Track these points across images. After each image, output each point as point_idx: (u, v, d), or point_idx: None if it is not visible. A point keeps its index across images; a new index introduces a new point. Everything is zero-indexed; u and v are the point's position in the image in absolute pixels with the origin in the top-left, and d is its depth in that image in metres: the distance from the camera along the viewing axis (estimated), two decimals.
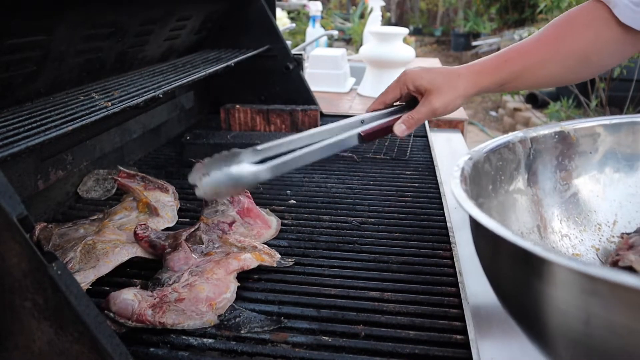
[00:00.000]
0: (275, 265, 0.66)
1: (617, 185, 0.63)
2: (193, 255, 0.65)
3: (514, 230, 0.55)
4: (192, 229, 0.70)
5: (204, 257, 0.65)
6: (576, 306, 0.35)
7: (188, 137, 1.06)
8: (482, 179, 0.55)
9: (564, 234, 0.61)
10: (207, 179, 0.57)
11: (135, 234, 0.68)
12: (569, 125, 0.63)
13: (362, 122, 0.74)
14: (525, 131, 0.61)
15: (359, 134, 0.71)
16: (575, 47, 0.73)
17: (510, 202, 0.59)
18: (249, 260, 0.64)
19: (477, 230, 0.46)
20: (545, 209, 0.61)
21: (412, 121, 0.74)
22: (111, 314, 0.54)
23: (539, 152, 0.61)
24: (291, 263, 0.68)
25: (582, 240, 0.62)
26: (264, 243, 0.72)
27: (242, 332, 0.54)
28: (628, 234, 0.60)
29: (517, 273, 0.41)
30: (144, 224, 0.70)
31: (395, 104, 0.79)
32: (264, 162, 0.61)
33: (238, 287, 0.61)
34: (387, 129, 0.75)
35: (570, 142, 0.62)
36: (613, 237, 0.62)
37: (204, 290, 0.58)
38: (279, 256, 0.68)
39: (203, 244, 0.68)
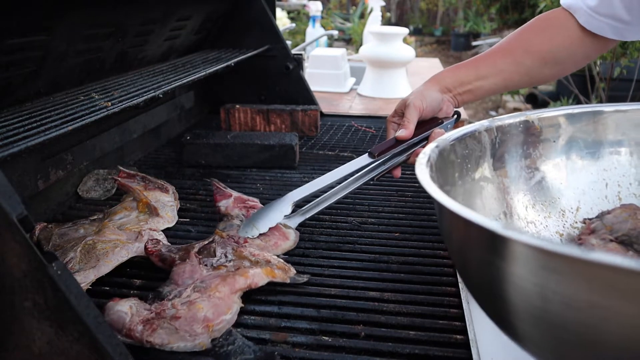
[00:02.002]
0: (288, 281, 0.63)
1: (580, 172, 0.65)
2: (201, 267, 0.62)
3: None
4: (206, 242, 0.67)
5: (212, 271, 0.62)
6: (534, 283, 0.35)
7: (188, 137, 1.06)
8: (448, 167, 0.56)
9: (529, 220, 0.62)
10: (255, 231, 0.72)
11: (145, 248, 0.66)
12: (534, 115, 0.64)
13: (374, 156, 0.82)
14: (490, 120, 0.62)
15: (369, 152, 0.80)
16: (530, 54, 0.82)
17: (476, 190, 0.60)
18: (258, 277, 0.61)
19: (441, 213, 0.46)
20: (511, 195, 0.63)
21: (405, 122, 0.81)
22: None
23: (504, 140, 0.62)
24: (305, 279, 0.64)
25: (546, 226, 0.63)
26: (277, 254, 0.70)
27: None
28: (590, 219, 0.62)
29: (478, 253, 0.41)
30: (155, 239, 0.68)
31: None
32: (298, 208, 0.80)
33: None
34: (394, 143, 0.81)
35: (534, 131, 0.64)
36: (576, 222, 0.64)
37: (202, 310, 0.55)
38: (294, 272, 0.65)
39: (216, 256, 0.65)
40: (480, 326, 0.57)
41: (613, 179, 0.65)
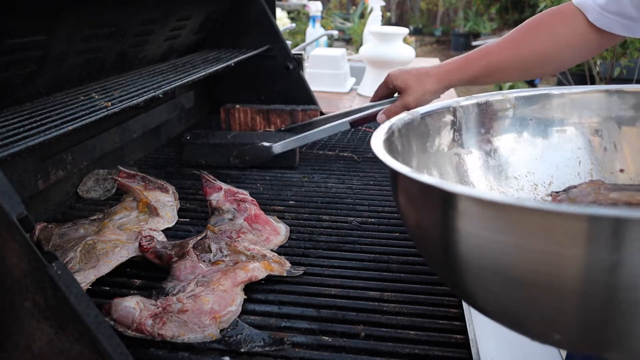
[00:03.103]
0: (285, 274, 0.65)
1: (555, 150, 0.67)
2: (200, 264, 0.63)
3: None
4: (200, 237, 0.68)
5: (211, 266, 0.63)
6: (478, 235, 0.37)
7: (188, 137, 1.06)
8: (412, 138, 0.58)
9: (501, 191, 0.64)
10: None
11: (140, 246, 0.67)
12: (510, 95, 0.66)
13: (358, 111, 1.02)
14: (455, 100, 0.64)
15: (350, 123, 1.02)
16: (536, 48, 0.85)
17: (440, 162, 0.62)
18: (257, 271, 0.63)
19: (394, 181, 0.47)
20: (477, 171, 0.65)
21: (390, 113, 0.90)
22: (111, 322, 0.53)
23: (468, 120, 0.64)
24: (301, 272, 0.66)
25: (518, 198, 0.65)
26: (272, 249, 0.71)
27: (242, 349, 0.53)
28: (557, 192, 0.64)
29: (425, 214, 0.42)
30: (149, 235, 0.68)
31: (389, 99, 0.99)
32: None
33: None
34: (373, 117, 0.98)
35: (493, 112, 0.66)
36: (547, 196, 0.66)
37: (208, 302, 0.56)
38: (289, 265, 0.67)
39: (211, 252, 0.66)
40: (480, 326, 0.57)
41: (586, 158, 0.67)
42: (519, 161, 0.66)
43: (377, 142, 0.49)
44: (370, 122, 1.00)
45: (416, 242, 0.51)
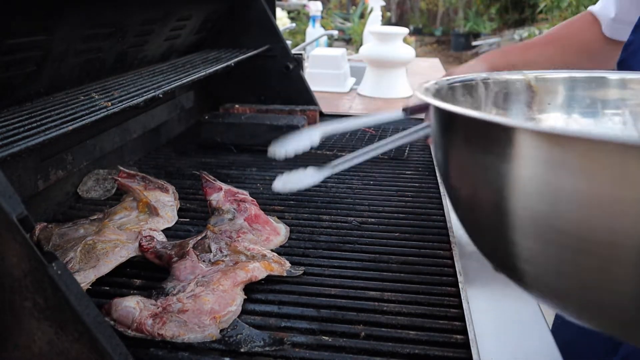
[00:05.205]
0: (285, 274, 0.65)
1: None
2: (200, 264, 0.63)
3: None
4: (199, 237, 0.68)
5: (211, 266, 0.64)
6: (544, 182, 0.31)
7: (206, 117, 1.19)
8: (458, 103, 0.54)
9: None
10: (284, 152, 0.75)
11: (140, 246, 0.67)
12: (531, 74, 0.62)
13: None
14: (489, 73, 0.60)
15: (403, 108, 0.79)
16: (569, 47, 0.90)
17: None
18: (258, 271, 0.63)
19: (442, 127, 0.42)
20: None
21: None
22: (111, 322, 0.53)
23: (514, 94, 0.60)
24: (301, 272, 0.66)
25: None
26: (272, 249, 0.71)
27: (242, 349, 0.53)
28: None
29: (474, 159, 0.37)
30: (149, 235, 0.68)
31: None
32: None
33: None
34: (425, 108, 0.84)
35: (542, 89, 0.62)
36: None
37: (208, 302, 0.56)
38: (289, 265, 0.67)
39: (211, 252, 0.66)
40: (480, 326, 0.57)
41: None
42: None
43: (424, 93, 0.44)
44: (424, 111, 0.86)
45: (461, 207, 0.44)
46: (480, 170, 0.36)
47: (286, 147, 0.75)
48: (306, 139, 0.77)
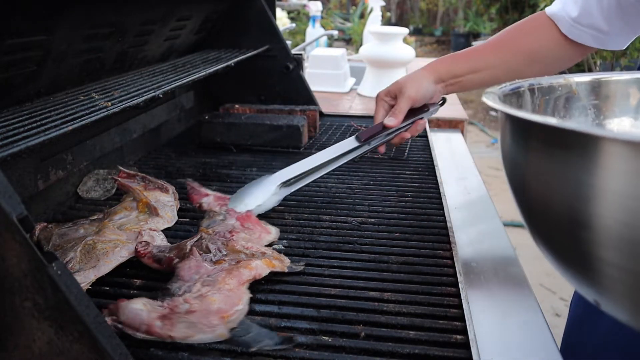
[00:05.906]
0: (286, 270, 0.65)
1: None
2: (204, 263, 0.63)
3: None
4: (195, 239, 0.68)
5: (214, 266, 0.63)
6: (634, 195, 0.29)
7: (206, 117, 1.18)
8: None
9: None
10: (243, 207, 0.78)
11: (136, 251, 0.66)
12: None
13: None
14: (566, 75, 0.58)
15: (357, 136, 0.87)
16: (518, 52, 0.87)
17: None
18: (261, 268, 0.62)
19: (518, 135, 0.41)
20: None
21: (397, 111, 0.88)
22: (119, 325, 0.52)
23: (577, 99, 0.58)
24: (301, 267, 0.66)
25: None
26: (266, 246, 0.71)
27: (252, 349, 0.52)
28: None
29: (556, 169, 0.35)
30: (144, 241, 0.68)
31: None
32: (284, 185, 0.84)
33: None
34: (382, 128, 0.90)
35: (608, 93, 0.58)
36: None
37: (215, 302, 0.55)
38: (289, 261, 0.67)
39: (211, 252, 0.66)
40: (480, 326, 0.57)
41: None
42: None
43: (497, 101, 0.43)
44: (381, 132, 0.90)
45: (535, 222, 0.43)
46: (571, 182, 0.35)
47: (246, 201, 0.79)
48: (264, 189, 0.81)
